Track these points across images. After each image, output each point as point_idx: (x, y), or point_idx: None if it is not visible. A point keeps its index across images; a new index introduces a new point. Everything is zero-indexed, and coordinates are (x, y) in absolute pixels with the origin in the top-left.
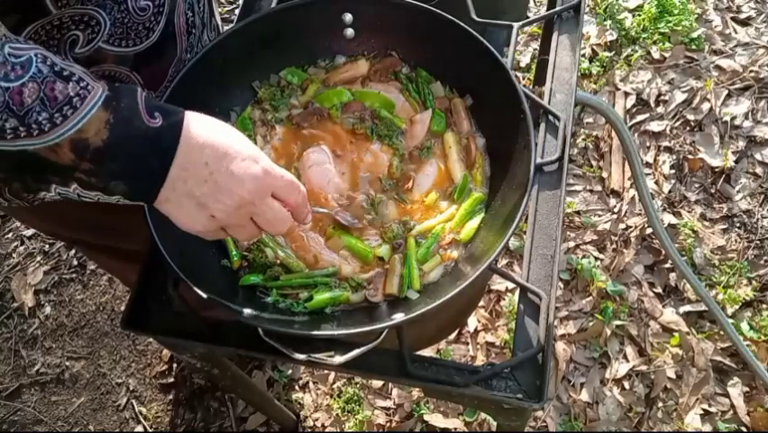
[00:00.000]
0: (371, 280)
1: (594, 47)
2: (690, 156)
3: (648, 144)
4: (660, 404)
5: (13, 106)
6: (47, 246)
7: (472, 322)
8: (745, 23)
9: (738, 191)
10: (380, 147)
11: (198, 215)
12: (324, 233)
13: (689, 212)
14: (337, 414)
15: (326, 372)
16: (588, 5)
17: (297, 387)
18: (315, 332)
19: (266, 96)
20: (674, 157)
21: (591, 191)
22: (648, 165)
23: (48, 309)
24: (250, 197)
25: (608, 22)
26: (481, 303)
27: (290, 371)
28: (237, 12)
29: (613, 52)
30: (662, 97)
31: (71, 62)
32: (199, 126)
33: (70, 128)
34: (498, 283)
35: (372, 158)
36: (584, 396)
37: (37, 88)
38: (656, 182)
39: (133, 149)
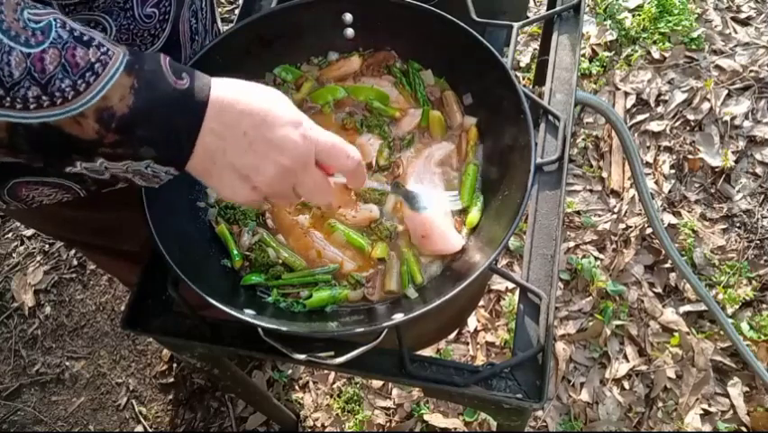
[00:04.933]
0: (370, 279)
1: (594, 47)
2: (690, 156)
3: (648, 144)
4: (660, 404)
5: (35, 73)
6: (47, 246)
7: (472, 322)
8: (745, 22)
9: (738, 191)
10: (370, 138)
11: (241, 186)
12: (324, 229)
13: (689, 212)
14: (337, 414)
15: (326, 372)
16: (588, 5)
17: (297, 387)
18: (315, 332)
19: None
20: (674, 157)
21: (591, 191)
22: (648, 165)
23: (48, 309)
24: (292, 165)
25: (608, 22)
26: (481, 303)
27: (290, 371)
28: (237, 12)
29: (613, 52)
30: (662, 97)
31: (89, 28)
32: (231, 90)
33: (94, 95)
34: (498, 283)
35: (359, 150)
36: (584, 396)
37: (58, 54)
38: (656, 182)
39: (161, 112)
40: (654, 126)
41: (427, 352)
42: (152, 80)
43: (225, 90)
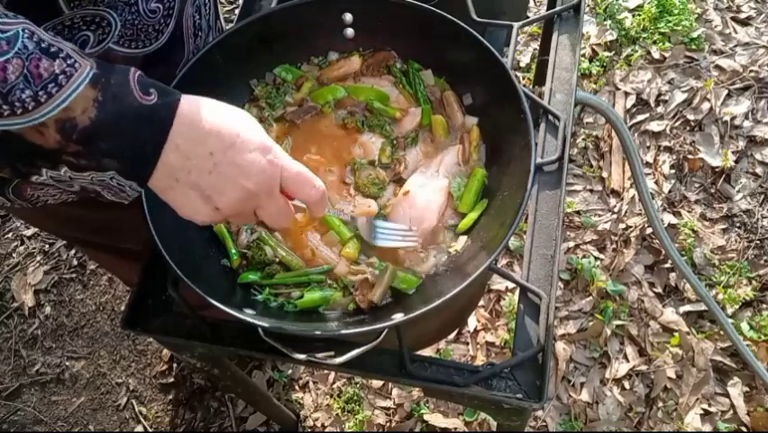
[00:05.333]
0: (358, 286)
1: (594, 47)
2: (690, 156)
3: (648, 144)
4: (660, 404)
5: None
6: (47, 246)
7: (472, 322)
8: (745, 22)
9: (738, 191)
10: (372, 137)
11: (203, 207)
12: (319, 229)
13: (689, 212)
14: (337, 414)
15: (326, 372)
16: (588, 5)
17: (297, 387)
18: (316, 332)
19: (262, 95)
20: (674, 157)
21: (591, 191)
22: (648, 165)
23: (48, 309)
24: (256, 190)
25: (608, 22)
26: (481, 303)
27: (290, 371)
28: (237, 12)
29: (613, 52)
30: (662, 97)
31: (60, 39)
32: (199, 109)
33: (55, 107)
34: (498, 283)
35: (361, 149)
36: (584, 396)
37: (21, 65)
38: (656, 182)
39: (124, 126)
40: (654, 126)
41: (427, 352)
42: (118, 94)
43: (194, 108)
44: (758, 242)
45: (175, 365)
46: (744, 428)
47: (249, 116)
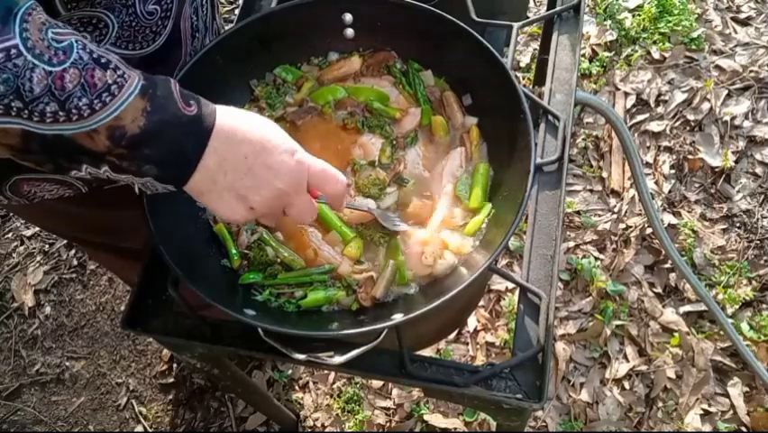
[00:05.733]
0: (362, 284)
1: (594, 47)
2: (690, 156)
3: (648, 144)
4: (660, 404)
5: (55, 90)
6: (47, 246)
7: (472, 322)
8: (745, 23)
9: (738, 191)
10: (371, 138)
11: (238, 206)
12: (322, 228)
13: (689, 212)
14: (337, 414)
15: (326, 372)
16: (588, 5)
17: (297, 387)
18: (316, 332)
19: (262, 95)
20: (674, 157)
21: (591, 191)
22: (648, 165)
23: (48, 309)
24: (286, 188)
25: (608, 22)
26: (481, 303)
27: (290, 371)
28: (237, 12)
29: (613, 52)
30: (662, 97)
31: (106, 50)
32: (234, 119)
33: (108, 114)
34: (498, 283)
35: (361, 150)
36: (584, 396)
37: (78, 74)
38: (656, 182)
39: (169, 134)
40: (654, 126)
41: (427, 352)
42: (164, 105)
43: (228, 119)
44: (758, 242)
45: (175, 365)
46: (744, 428)
47: (275, 124)
